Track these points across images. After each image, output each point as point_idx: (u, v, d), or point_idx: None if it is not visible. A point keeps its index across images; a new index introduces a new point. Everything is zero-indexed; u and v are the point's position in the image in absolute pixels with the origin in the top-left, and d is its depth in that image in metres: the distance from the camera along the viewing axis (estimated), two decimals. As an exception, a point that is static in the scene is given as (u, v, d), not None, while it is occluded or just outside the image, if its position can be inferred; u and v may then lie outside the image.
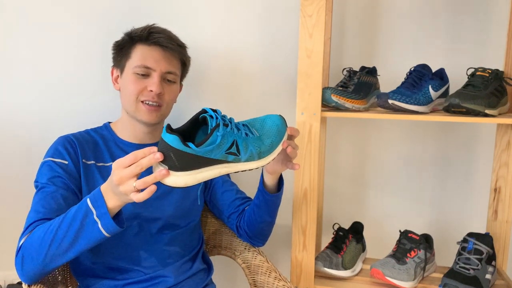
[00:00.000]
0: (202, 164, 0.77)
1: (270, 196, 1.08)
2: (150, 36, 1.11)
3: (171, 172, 0.75)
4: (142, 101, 1.09)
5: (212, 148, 0.77)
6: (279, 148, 0.90)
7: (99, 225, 0.82)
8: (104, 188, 0.82)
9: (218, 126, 0.78)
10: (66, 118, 1.42)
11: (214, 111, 0.81)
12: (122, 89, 1.13)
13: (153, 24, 1.15)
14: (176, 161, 0.74)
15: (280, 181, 1.09)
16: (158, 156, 0.74)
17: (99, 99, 1.40)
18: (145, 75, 1.10)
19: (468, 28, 1.36)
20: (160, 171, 0.75)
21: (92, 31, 1.38)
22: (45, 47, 1.39)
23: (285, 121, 0.92)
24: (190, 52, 1.22)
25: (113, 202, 0.81)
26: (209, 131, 0.78)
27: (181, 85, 1.24)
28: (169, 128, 0.74)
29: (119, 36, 1.17)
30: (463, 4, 1.36)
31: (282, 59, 1.40)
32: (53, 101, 1.41)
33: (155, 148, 0.75)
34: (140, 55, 1.10)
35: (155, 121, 1.11)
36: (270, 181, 1.07)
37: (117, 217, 0.85)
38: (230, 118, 0.84)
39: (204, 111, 0.81)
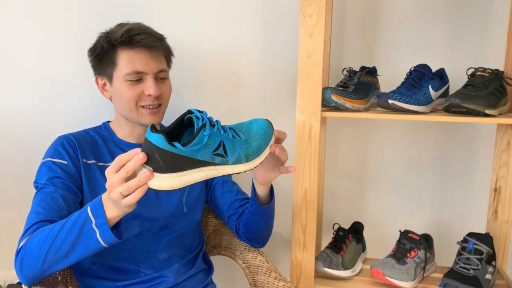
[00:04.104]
0: (188, 165, 0.74)
1: (262, 207, 1.08)
2: (132, 39, 1.05)
3: (156, 174, 0.72)
4: (142, 106, 1.08)
5: (199, 148, 0.75)
6: (266, 151, 0.89)
7: (97, 235, 0.81)
8: (105, 197, 0.81)
9: (204, 126, 0.76)
10: (66, 118, 1.42)
11: (200, 112, 0.78)
12: (115, 97, 1.10)
13: (127, 24, 1.09)
14: (161, 161, 0.71)
15: (271, 191, 1.08)
16: (142, 156, 0.71)
17: (100, 98, 1.40)
18: (139, 80, 1.07)
19: (468, 28, 1.36)
20: (144, 173, 0.71)
21: (90, 31, 1.38)
22: (44, 48, 1.39)
23: (271, 124, 0.91)
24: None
25: (112, 212, 0.80)
26: (195, 131, 0.75)
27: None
28: (153, 128, 0.71)
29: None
30: (463, 4, 1.36)
31: (282, 59, 1.40)
32: (53, 101, 1.41)
33: (139, 149, 0.72)
34: (127, 61, 1.06)
35: (158, 121, 1.12)
36: (261, 191, 1.06)
37: (117, 227, 0.84)
38: (216, 120, 0.82)
39: (189, 112, 0.78)
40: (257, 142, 0.87)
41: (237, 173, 0.84)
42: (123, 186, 0.74)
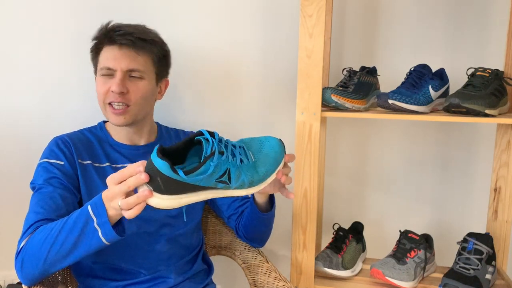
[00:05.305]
0: (189, 190, 0.75)
1: (261, 214, 1.08)
2: (108, 35, 1.07)
3: (155, 193, 0.73)
4: (110, 104, 1.07)
5: (203, 178, 0.74)
6: (272, 177, 0.87)
7: (99, 233, 0.81)
8: (105, 195, 0.81)
9: (213, 154, 0.75)
10: (66, 118, 1.42)
11: (211, 134, 0.77)
12: None
13: (110, 22, 1.11)
14: (162, 185, 0.72)
15: (272, 198, 1.08)
16: (143, 177, 0.72)
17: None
18: (110, 76, 1.07)
19: (468, 28, 1.36)
20: (143, 192, 0.73)
21: (90, 31, 1.38)
22: (44, 48, 1.39)
23: (283, 147, 0.89)
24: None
25: (113, 211, 0.80)
26: (202, 158, 0.74)
27: (165, 81, 1.20)
28: (160, 152, 0.71)
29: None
30: (463, 4, 1.36)
31: (282, 59, 1.40)
32: (53, 101, 1.41)
33: (142, 167, 0.73)
34: (104, 57, 1.08)
35: (124, 123, 1.08)
36: (260, 199, 1.06)
37: (118, 224, 0.85)
38: (226, 141, 0.80)
39: (200, 133, 0.77)
40: (265, 168, 0.84)
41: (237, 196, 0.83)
42: (122, 202, 0.75)
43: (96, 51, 1.12)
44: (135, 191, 0.76)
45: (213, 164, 0.74)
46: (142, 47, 1.08)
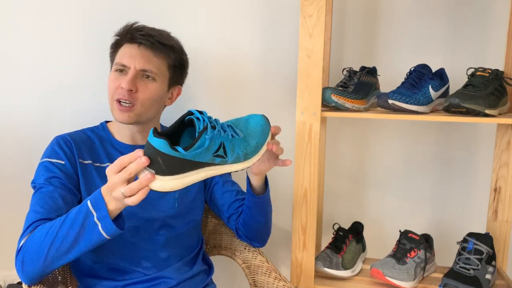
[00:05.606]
0: (189, 167, 0.76)
1: (258, 198, 1.08)
2: (130, 33, 1.10)
3: (157, 176, 0.73)
4: (117, 100, 1.07)
5: (200, 152, 0.76)
6: (264, 149, 0.91)
7: (100, 228, 0.82)
8: (105, 190, 0.81)
9: (206, 129, 0.77)
10: (67, 118, 1.42)
11: (201, 113, 0.79)
12: None
13: (136, 22, 1.13)
14: (163, 165, 0.72)
15: (266, 183, 1.09)
16: (144, 160, 0.72)
17: (100, 99, 1.40)
18: (123, 73, 1.08)
19: (468, 28, 1.36)
20: (145, 176, 0.73)
21: (92, 31, 1.38)
22: (45, 48, 1.39)
23: (268, 120, 0.93)
24: (188, 52, 1.21)
25: (113, 205, 0.81)
26: (196, 134, 0.76)
27: (178, 88, 1.20)
28: (155, 132, 0.73)
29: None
30: (463, 4, 1.36)
31: (282, 59, 1.40)
32: (54, 101, 1.41)
33: (141, 152, 0.73)
34: (121, 53, 1.10)
35: (128, 121, 1.08)
36: (256, 182, 1.07)
37: (118, 218, 0.85)
38: (215, 119, 0.83)
39: (190, 113, 0.80)
40: (255, 140, 0.88)
41: (235, 171, 0.85)
42: (125, 188, 0.75)
43: (115, 47, 1.13)
44: (136, 180, 0.76)
45: (208, 137, 0.77)
46: (159, 50, 1.10)
